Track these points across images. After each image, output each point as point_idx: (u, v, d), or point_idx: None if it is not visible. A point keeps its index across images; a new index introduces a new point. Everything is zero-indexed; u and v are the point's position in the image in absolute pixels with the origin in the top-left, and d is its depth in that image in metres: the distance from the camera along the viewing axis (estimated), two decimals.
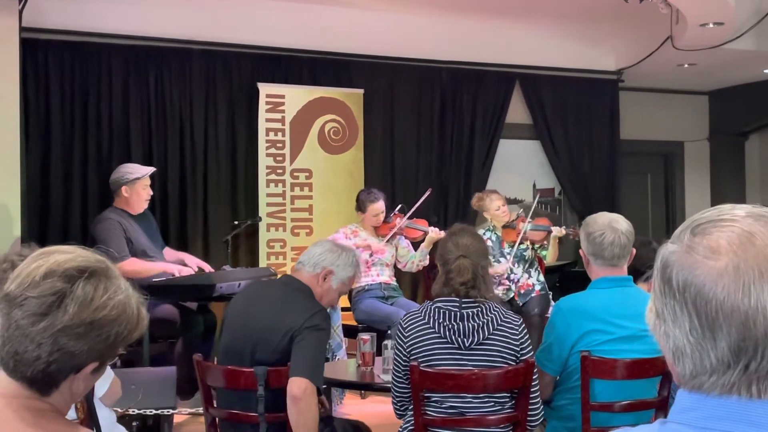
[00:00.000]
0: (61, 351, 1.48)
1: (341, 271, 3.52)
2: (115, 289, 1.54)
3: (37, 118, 6.39)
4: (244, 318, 3.47)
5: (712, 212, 1.14)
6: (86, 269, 1.52)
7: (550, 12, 7.46)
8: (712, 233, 1.10)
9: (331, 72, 7.43)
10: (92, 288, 1.51)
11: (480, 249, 3.31)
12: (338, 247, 3.58)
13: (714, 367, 1.08)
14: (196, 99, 6.93)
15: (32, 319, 1.47)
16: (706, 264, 1.08)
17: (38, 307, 1.47)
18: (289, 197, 7.13)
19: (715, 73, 8.48)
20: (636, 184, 9.36)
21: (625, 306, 3.29)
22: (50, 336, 1.47)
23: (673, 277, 1.11)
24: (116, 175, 5.71)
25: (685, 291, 1.09)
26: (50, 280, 1.48)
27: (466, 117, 7.97)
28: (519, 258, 6.40)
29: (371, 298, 6.08)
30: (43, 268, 1.50)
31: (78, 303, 1.48)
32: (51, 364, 1.48)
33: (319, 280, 3.49)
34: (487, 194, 6.54)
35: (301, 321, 3.29)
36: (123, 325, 1.54)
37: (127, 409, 4.23)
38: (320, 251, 3.52)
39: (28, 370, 1.48)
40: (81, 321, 1.48)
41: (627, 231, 3.36)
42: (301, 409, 3.16)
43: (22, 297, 1.48)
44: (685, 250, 1.11)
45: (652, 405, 3.37)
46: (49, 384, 1.50)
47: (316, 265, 3.49)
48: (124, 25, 6.66)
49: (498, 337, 3.18)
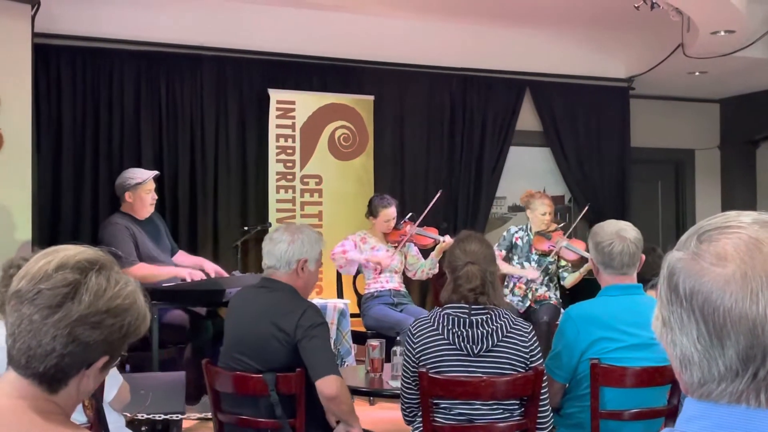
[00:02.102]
0: (76, 342, 1.49)
1: (312, 252, 3.51)
2: (125, 281, 1.57)
3: (48, 123, 6.42)
4: (238, 332, 3.49)
5: (718, 219, 1.14)
6: (96, 261, 1.55)
7: (561, 19, 7.46)
8: (719, 240, 1.10)
9: (342, 78, 7.45)
10: (104, 279, 1.53)
11: (488, 255, 3.30)
12: (295, 235, 3.51)
13: (722, 375, 1.08)
14: (207, 105, 6.95)
15: (45, 312, 1.48)
16: (713, 271, 1.08)
17: (52, 299, 1.48)
18: (299, 203, 7.14)
19: (726, 81, 8.46)
20: (646, 192, 9.34)
21: (635, 314, 3.28)
22: (65, 327, 1.48)
23: (680, 284, 1.11)
24: (119, 180, 5.72)
25: (692, 298, 1.09)
26: (62, 272, 1.50)
27: (476, 124, 7.97)
28: (543, 269, 6.36)
29: (381, 304, 6.08)
30: (54, 261, 1.51)
31: (93, 293, 1.50)
32: (65, 357, 1.49)
33: (298, 273, 3.49)
34: (540, 196, 6.47)
35: (294, 324, 3.32)
36: (134, 315, 1.57)
37: (135, 413, 4.24)
38: (285, 248, 3.47)
39: (40, 365, 1.48)
40: (96, 310, 1.50)
41: (635, 239, 3.35)
42: (341, 402, 3.27)
43: (34, 291, 1.49)
44: (691, 257, 1.11)
45: (662, 413, 3.36)
46: (59, 380, 1.51)
47: (290, 263, 3.47)
48: (135, 31, 6.69)
49: (507, 344, 3.17)
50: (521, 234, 6.43)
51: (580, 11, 7.14)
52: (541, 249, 6.33)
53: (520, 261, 6.37)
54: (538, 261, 6.35)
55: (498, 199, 8.23)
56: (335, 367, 3.33)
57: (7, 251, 5.05)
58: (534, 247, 6.36)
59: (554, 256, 6.32)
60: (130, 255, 5.38)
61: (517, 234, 6.47)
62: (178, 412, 4.45)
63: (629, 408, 3.31)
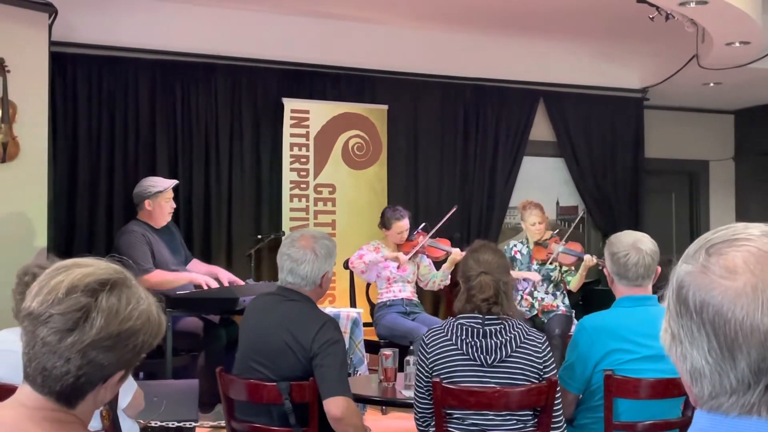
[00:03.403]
0: (91, 364, 1.49)
1: (331, 262, 3.51)
2: (137, 299, 1.55)
3: (64, 131, 6.45)
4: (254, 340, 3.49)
5: (726, 231, 1.14)
6: (107, 281, 1.52)
7: (575, 30, 7.46)
8: (728, 253, 1.10)
9: (356, 88, 7.46)
10: (116, 300, 1.51)
11: (502, 265, 3.30)
12: (313, 250, 3.44)
13: (734, 388, 1.08)
14: (221, 113, 6.97)
15: (59, 335, 1.47)
16: (724, 284, 1.08)
17: (64, 323, 1.47)
18: (312, 212, 7.15)
19: (740, 93, 8.44)
20: (660, 203, 9.31)
21: (649, 325, 3.26)
22: (78, 351, 1.47)
23: (690, 297, 1.10)
24: (139, 188, 5.74)
25: (703, 312, 1.09)
26: (74, 296, 1.48)
27: (489, 134, 7.98)
28: (545, 278, 6.38)
29: (393, 313, 6.09)
30: (65, 283, 1.49)
31: (104, 316, 1.49)
32: (80, 377, 1.49)
33: (322, 285, 3.50)
34: (530, 207, 6.47)
35: (311, 338, 3.30)
36: (148, 333, 1.56)
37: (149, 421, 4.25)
38: (309, 268, 3.42)
39: (56, 384, 1.49)
40: (109, 334, 1.49)
41: (652, 251, 3.34)
42: (347, 424, 3.23)
43: (46, 314, 1.48)
44: (700, 270, 1.11)
45: (676, 425, 3.35)
46: (76, 396, 1.51)
47: (315, 282, 3.46)
48: (151, 39, 6.73)
49: (521, 355, 3.17)
50: (520, 247, 6.47)
51: (595, 22, 7.14)
52: (540, 258, 6.36)
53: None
54: (539, 271, 6.37)
55: (511, 209, 8.22)
56: (346, 387, 3.29)
57: (23, 258, 5.06)
58: (534, 258, 6.39)
59: (554, 263, 6.34)
60: (147, 262, 5.40)
61: (516, 248, 6.50)
62: (192, 419, 4.45)
63: (643, 420, 3.30)
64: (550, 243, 6.38)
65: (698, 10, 5.75)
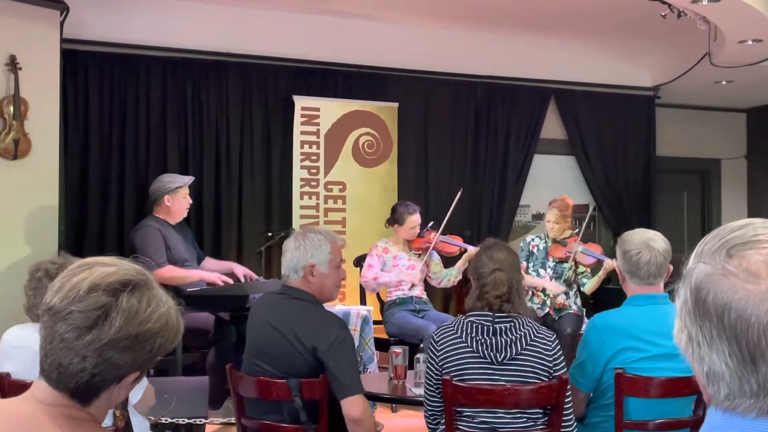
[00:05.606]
0: (106, 363, 1.49)
1: (318, 256, 3.45)
2: (157, 301, 1.55)
3: (76, 128, 6.47)
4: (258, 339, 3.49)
5: (745, 231, 1.12)
6: (129, 282, 1.52)
7: (587, 27, 7.44)
8: (750, 256, 1.08)
9: (366, 85, 7.46)
10: (136, 301, 1.52)
11: (514, 263, 3.29)
12: (299, 241, 3.48)
13: (754, 392, 1.06)
14: (232, 111, 6.99)
15: (77, 332, 1.47)
16: (747, 288, 1.06)
17: (83, 321, 1.47)
18: (323, 209, 7.16)
19: (753, 91, 8.40)
20: (672, 202, 9.28)
21: (660, 324, 3.25)
22: (96, 349, 1.48)
23: (710, 300, 1.08)
24: (157, 184, 5.78)
25: (724, 315, 1.07)
26: (95, 294, 1.49)
27: (500, 131, 7.96)
28: (558, 275, 6.33)
29: (403, 311, 6.08)
30: (87, 281, 1.50)
31: (123, 317, 1.49)
32: (95, 375, 1.49)
33: (308, 278, 3.45)
34: (552, 205, 6.44)
35: (313, 338, 3.30)
36: (165, 337, 1.56)
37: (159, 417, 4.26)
38: (290, 256, 3.46)
39: (71, 381, 1.49)
40: (127, 334, 1.49)
41: (664, 250, 3.33)
42: (363, 426, 3.24)
43: (66, 311, 1.48)
44: (721, 272, 1.09)
45: (687, 424, 3.33)
46: (90, 394, 1.51)
47: (296, 270, 3.45)
48: (162, 37, 6.74)
49: (531, 353, 3.16)
50: (537, 242, 6.42)
51: (606, 19, 7.12)
52: (557, 256, 6.31)
53: (535, 268, 6.34)
54: (554, 268, 6.32)
55: (522, 207, 8.21)
56: (359, 384, 3.30)
57: (35, 254, 5.10)
58: (550, 255, 6.35)
59: (571, 261, 6.29)
60: (160, 258, 5.44)
61: (533, 242, 6.45)
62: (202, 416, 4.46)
63: (654, 418, 3.29)
64: (569, 242, 6.33)
65: (710, 8, 5.73)
